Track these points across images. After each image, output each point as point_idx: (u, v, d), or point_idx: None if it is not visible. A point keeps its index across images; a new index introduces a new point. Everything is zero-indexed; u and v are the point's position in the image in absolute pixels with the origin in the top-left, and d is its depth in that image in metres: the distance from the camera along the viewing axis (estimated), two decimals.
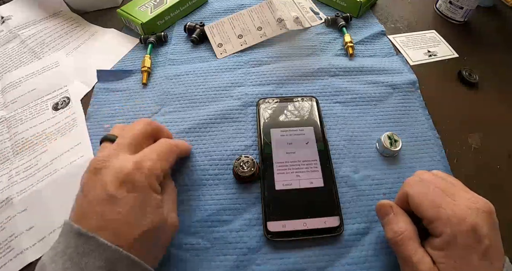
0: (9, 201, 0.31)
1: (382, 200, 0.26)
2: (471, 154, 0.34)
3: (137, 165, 0.23)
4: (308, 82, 0.39)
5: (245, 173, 0.29)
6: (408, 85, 0.39)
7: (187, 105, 0.37)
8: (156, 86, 0.40)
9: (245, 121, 0.36)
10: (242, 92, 0.38)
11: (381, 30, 0.46)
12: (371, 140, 0.34)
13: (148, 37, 0.44)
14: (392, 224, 0.24)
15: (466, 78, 0.40)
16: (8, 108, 0.39)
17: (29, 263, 0.28)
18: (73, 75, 0.42)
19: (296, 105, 0.36)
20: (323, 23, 0.47)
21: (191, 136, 0.35)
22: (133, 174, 0.22)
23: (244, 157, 0.30)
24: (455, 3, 0.46)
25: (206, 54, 0.43)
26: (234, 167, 0.30)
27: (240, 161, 0.30)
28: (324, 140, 0.33)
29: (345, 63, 0.41)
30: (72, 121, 0.37)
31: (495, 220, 0.22)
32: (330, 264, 0.27)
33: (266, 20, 0.44)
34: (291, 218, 0.28)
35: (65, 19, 0.49)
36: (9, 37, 0.47)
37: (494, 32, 0.47)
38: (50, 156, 0.34)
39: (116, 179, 0.21)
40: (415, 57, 0.43)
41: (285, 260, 0.27)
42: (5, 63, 0.44)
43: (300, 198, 0.29)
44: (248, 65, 0.41)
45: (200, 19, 0.48)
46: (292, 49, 0.43)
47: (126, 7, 0.46)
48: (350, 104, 0.37)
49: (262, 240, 0.28)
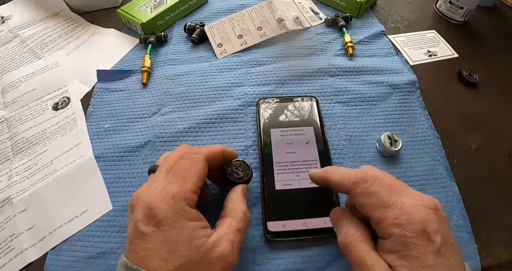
0: (9, 201, 0.31)
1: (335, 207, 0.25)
2: (471, 154, 0.34)
3: (162, 194, 0.21)
4: (308, 82, 0.39)
5: (242, 179, 0.28)
6: (408, 85, 0.39)
7: (187, 105, 0.37)
8: (156, 86, 0.40)
9: (245, 121, 0.36)
10: (242, 92, 0.38)
11: (381, 30, 0.46)
12: (371, 140, 0.34)
13: (148, 37, 0.44)
14: (343, 227, 0.23)
15: (466, 78, 0.40)
16: (8, 108, 0.39)
17: (29, 263, 0.28)
18: (73, 75, 0.42)
19: (296, 105, 0.36)
20: (323, 23, 0.47)
21: (191, 136, 0.35)
22: (156, 208, 0.21)
23: (235, 161, 0.28)
24: (455, 3, 0.46)
25: (206, 54, 0.43)
26: (228, 175, 0.27)
27: (233, 167, 0.28)
28: (324, 140, 0.33)
29: (345, 63, 0.41)
30: (72, 121, 0.37)
31: (444, 216, 0.21)
32: (330, 264, 0.27)
33: (266, 20, 0.44)
34: (291, 218, 0.28)
35: (65, 19, 0.49)
36: (9, 37, 0.47)
37: (494, 32, 0.47)
38: (50, 156, 0.34)
39: (144, 216, 0.21)
40: (415, 57, 0.43)
41: (285, 260, 0.27)
42: (5, 63, 0.44)
43: (300, 198, 0.29)
44: (248, 65, 0.41)
45: (200, 19, 0.48)
46: (292, 49, 0.43)
47: (126, 7, 0.46)
48: (350, 104, 0.37)
49: (262, 240, 0.28)
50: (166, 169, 0.23)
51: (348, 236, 0.22)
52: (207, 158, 0.25)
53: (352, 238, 0.21)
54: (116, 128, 0.36)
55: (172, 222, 0.21)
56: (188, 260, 0.20)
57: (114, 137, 0.36)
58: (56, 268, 0.27)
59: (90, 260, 0.28)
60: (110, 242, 0.29)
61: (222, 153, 0.27)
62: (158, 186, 0.22)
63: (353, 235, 0.22)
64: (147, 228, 0.21)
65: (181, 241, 0.20)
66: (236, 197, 0.25)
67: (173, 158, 0.24)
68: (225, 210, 0.25)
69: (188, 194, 0.22)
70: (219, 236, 0.22)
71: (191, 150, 0.25)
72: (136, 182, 0.32)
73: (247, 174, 0.28)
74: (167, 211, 0.21)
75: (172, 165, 0.23)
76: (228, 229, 0.23)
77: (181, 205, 0.21)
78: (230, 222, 0.23)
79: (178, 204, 0.21)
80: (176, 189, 0.22)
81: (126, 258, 0.20)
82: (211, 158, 0.25)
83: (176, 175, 0.23)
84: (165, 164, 0.24)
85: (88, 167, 0.33)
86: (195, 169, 0.24)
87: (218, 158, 0.26)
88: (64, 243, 0.29)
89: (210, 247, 0.21)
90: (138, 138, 0.35)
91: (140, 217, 0.21)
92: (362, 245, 0.21)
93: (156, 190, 0.22)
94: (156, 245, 0.20)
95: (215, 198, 0.30)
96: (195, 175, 0.23)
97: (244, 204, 0.25)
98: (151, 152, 0.34)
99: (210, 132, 0.35)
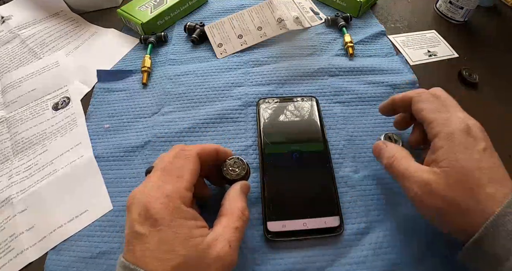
0: (9, 201, 0.31)
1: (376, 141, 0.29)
2: None
3: (157, 194, 0.21)
4: (308, 82, 0.39)
5: (239, 175, 0.27)
6: (408, 85, 0.39)
7: (187, 105, 0.37)
8: (156, 86, 0.40)
9: (245, 121, 0.36)
10: (242, 92, 0.38)
11: (381, 30, 0.46)
12: (371, 140, 0.34)
13: (148, 37, 0.44)
14: (386, 153, 0.27)
15: (466, 78, 0.40)
16: (8, 108, 0.39)
17: (29, 263, 0.28)
18: (73, 75, 0.42)
19: (296, 105, 0.36)
20: (323, 23, 0.47)
21: (191, 136, 0.35)
22: (151, 208, 0.21)
23: (229, 160, 0.27)
24: (455, 3, 0.46)
25: (206, 54, 0.43)
26: (224, 174, 0.27)
27: (227, 165, 0.27)
28: (324, 140, 0.33)
29: (345, 63, 0.41)
30: (72, 121, 0.37)
31: (487, 136, 0.24)
32: (330, 264, 0.26)
33: (266, 20, 0.44)
34: (291, 218, 0.28)
35: (65, 19, 0.49)
36: (9, 37, 0.47)
37: (494, 32, 0.47)
38: (50, 156, 0.34)
39: (140, 216, 0.21)
40: (415, 57, 0.43)
41: (285, 260, 0.27)
42: (5, 63, 0.44)
43: (300, 198, 0.29)
44: (248, 65, 0.41)
45: (200, 19, 0.48)
46: (292, 49, 0.43)
47: (126, 7, 0.46)
48: (350, 104, 0.37)
49: (262, 240, 0.28)
50: (160, 169, 0.23)
51: (391, 155, 0.26)
52: (199, 155, 0.25)
53: (394, 158, 0.25)
54: (116, 128, 0.36)
55: (168, 221, 0.20)
56: (185, 259, 0.20)
57: (114, 137, 0.36)
58: (56, 268, 0.27)
59: (90, 260, 0.28)
60: (110, 242, 0.29)
61: (216, 151, 0.27)
62: (152, 186, 0.22)
63: (394, 155, 0.26)
64: (143, 228, 0.20)
65: (178, 241, 0.20)
66: (234, 195, 0.25)
67: (167, 157, 0.24)
68: (222, 208, 0.24)
69: (183, 192, 0.22)
70: (216, 235, 0.22)
71: (183, 148, 0.25)
72: (136, 182, 0.32)
73: (244, 169, 0.27)
74: (162, 210, 0.21)
75: (166, 164, 0.24)
76: (226, 228, 0.22)
77: (177, 204, 0.21)
78: (227, 221, 0.23)
79: (173, 203, 0.21)
80: (171, 188, 0.22)
81: (124, 258, 0.20)
82: (203, 154, 0.25)
83: (170, 174, 0.23)
84: (159, 164, 0.24)
85: (88, 167, 0.33)
86: (188, 166, 0.24)
87: (211, 156, 0.26)
88: (64, 243, 0.29)
89: (207, 246, 0.21)
90: (138, 138, 0.35)
91: (136, 217, 0.21)
92: (404, 160, 0.25)
93: (151, 190, 0.22)
94: (152, 245, 0.20)
95: (215, 198, 0.30)
96: (187, 172, 0.23)
97: (242, 201, 0.25)
98: (151, 152, 0.34)
99: (210, 132, 0.35)
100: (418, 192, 0.23)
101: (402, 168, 0.24)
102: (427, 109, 0.26)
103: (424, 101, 0.26)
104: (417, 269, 0.26)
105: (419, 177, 0.23)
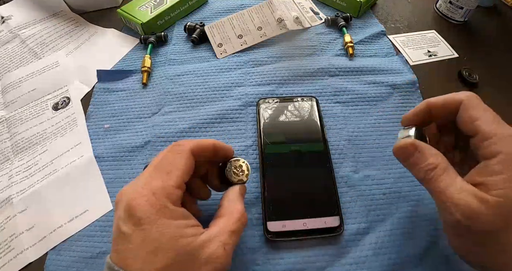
0: (9, 201, 0.31)
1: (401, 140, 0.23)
2: None
3: (144, 191, 0.20)
4: (308, 82, 0.39)
5: (242, 181, 0.26)
6: (408, 85, 0.39)
7: (187, 105, 0.37)
8: (156, 86, 0.40)
9: (245, 121, 0.36)
10: (242, 92, 0.38)
11: (381, 30, 0.46)
12: (371, 140, 0.34)
13: (148, 37, 0.44)
14: (420, 162, 0.21)
15: (466, 78, 0.40)
16: (8, 108, 0.39)
17: (29, 263, 0.28)
18: (73, 75, 0.42)
19: (296, 105, 0.36)
20: (323, 23, 0.47)
21: (191, 136, 0.35)
22: (136, 205, 0.19)
23: (234, 160, 0.26)
24: (455, 3, 0.46)
25: (206, 54, 0.43)
26: (227, 175, 0.26)
27: (232, 167, 0.26)
28: (324, 140, 0.33)
29: (345, 63, 0.41)
30: (72, 121, 0.37)
31: None
32: (330, 264, 0.27)
33: (266, 20, 0.44)
34: (291, 218, 0.28)
35: (65, 19, 0.49)
36: (9, 37, 0.47)
37: (494, 32, 0.47)
38: (50, 156, 0.34)
39: (124, 213, 0.20)
40: (415, 57, 0.43)
41: (285, 260, 0.27)
42: (5, 63, 0.44)
43: (300, 198, 0.29)
44: (248, 65, 0.41)
45: (200, 19, 0.48)
46: (292, 49, 0.43)
47: (126, 7, 0.46)
48: (350, 104, 0.37)
49: (262, 240, 0.28)
50: (153, 165, 0.22)
51: (431, 168, 0.20)
52: (193, 151, 0.23)
53: (433, 173, 0.20)
54: (116, 128, 0.36)
55: (152, 220, 0.19)
56: (172, 261, 0.19)
57: (114, 137, 0.36)
58: (56, 268, 0.27)
59: (90, 260, 0.28)
60: (110, 242, 0.28)
61: (213, 147, 0.25)
62: (141, 182, 0.21)
63: (437, 167, 0.20)
64: (127, 227, 0.19)
65: (164, 241, 0.19)
66: (234, 196, 0.24)
67: (161, 153, 0.23)
68: (220, 209, 0.23)
69: (171, 189, 0.20)
70: (210, 236, 0.20)
71: (178, 143, 0.23)
72: None
73: (247, 176, 0.26)
74: (147, 208, 0.19)
75: (159, 160, 0.22)
76: (222, 229, 0.21)
77: (163, 202, 0.20)
78: (224, 222, 0.22)
79: (159, 201, 0.20)
80: (159, 184, 0.20)
81: (110, 258, 0.19)
82: (198, 150, 0.23)
83: (160, 169, 0.21)
84: (154, 160, 0.23)
85: (88, 167, 0.33)
86: (179, 162, 0.22)
87: (208, 152, 0.24)
88: (64, 243, 0.29)
89: (198, 247, 0.19)
90: (138, 138, 0.35)
91: (121, 215, 0.20)
92: (445, 176, 0.20)
93: (139, 187, 0.20)
94: (136, 246, 0.19)
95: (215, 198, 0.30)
96: (178, 168, 0.22)
97: (241, 204, 0.24)
98: (151, 152, 0.34)
99: (210, 132, 0.35)
100: (461, 220, 0.18)
101: (442, 186, 0.19)
102: (483, 119, 0.20)
103: (479, 108, 0.21)
104: (417, 269, 0.26)
105: (464, 203, 0.18)
